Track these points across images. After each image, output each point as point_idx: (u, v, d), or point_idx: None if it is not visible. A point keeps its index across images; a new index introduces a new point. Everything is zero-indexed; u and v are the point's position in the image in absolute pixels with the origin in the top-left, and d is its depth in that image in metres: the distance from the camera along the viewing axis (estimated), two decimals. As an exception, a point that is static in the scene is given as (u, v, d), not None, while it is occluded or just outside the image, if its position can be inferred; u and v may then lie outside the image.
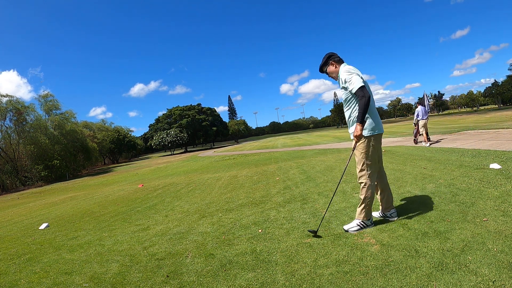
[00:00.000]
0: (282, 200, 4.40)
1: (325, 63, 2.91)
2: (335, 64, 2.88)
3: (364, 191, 2.71)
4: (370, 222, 2.79)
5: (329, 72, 2.92)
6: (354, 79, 2.60)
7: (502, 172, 4.11)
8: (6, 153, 31.62)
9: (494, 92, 74.01)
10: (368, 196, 2.69)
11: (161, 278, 2.37)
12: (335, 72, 2.88)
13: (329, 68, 2.90)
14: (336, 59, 2.88)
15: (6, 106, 30.94)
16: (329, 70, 2.91)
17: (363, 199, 2.72)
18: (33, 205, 10.86)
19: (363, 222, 2.75)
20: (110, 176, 24.23)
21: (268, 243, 2.78)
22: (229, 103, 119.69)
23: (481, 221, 2.51)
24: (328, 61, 2.89)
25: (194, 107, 63.01)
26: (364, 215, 2.74)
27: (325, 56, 2.92)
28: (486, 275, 1.72)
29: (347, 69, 2.74)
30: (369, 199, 2.71)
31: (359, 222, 2.75)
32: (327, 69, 2.92)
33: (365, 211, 2.73)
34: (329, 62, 2.89)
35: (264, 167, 9.59)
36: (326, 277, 2.00)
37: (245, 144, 49.46)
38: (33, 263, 3.27)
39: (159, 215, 4.87)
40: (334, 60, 2.88)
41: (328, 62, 2.89)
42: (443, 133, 13.28)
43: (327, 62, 2.90)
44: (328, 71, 2.91)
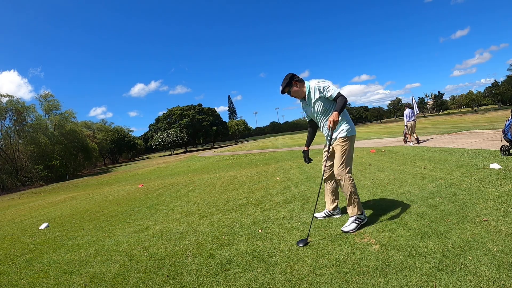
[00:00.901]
0: (282, 200, 4.40)
1: (288, 83, 2.91)
2: (298, 84, 2.91)
3: (346, 187, 2.80)
4: (364, 215, 2.86)
5: (292, 92, 2.93)
6: (332, 85, 2.78)
7: (502, 172, 4.11)
8: (6, 153, 31.62)
9: (494, 92, 74.02)
10: (352, 190, 2.78)
11: (161, 278, 2.37)
12: (299, 91, 2.92)
13: (293, 88, 2.92)
14: (298, 79, 2.92)
15: (6, 106, 30.94)
16: (293, 90, 2.92)
17: (349, 195, 2.80)
18: (33, 205, 10.86)
19: (359, 218, 2.80)
20: (110, 176, 24.24)
21: (268, 243, 2.78)
22: (229, 103, 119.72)
23: (481, 221, 2.51)
24: (291, 82, 2.90)
25: (194, 107, 62.98)
26: (356, 209, 2.80)
27: (286, 77, 2.91)
28: (486, 275, 1.72)
29: (319, 80, 2.84)
30: (355, 193, 2.80)
31: (355, 219, 2.79)
32: (291, 90, 2.93)
33: (356, 205, 2.80)
34: (292, 82, 2.90)
35: (264, 167, 9.59)
36: (326, 277, 2.00)
37: (245, 144, 49.47)
38: (33, 263, 3.27)
39: (159, 215, 4.87)
40: (296, 80, 2.91)
41: (291, 83, 2.90)
42: (443, 133, 13.29)
43: (290, 82, 2.91)
44: (292, 91, 2.92)
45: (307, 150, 3.25)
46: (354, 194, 2.79)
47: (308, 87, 2.88)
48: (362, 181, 4.91)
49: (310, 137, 3.24)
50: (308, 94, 2.89)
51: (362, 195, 4.00)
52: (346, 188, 2.79)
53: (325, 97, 2.81)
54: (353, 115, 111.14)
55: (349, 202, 2.83)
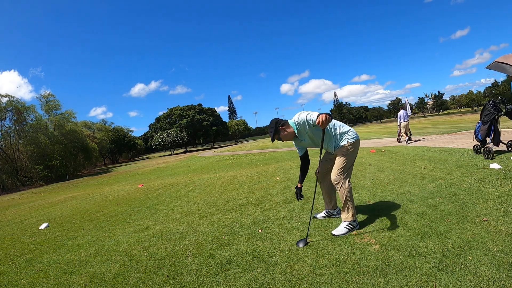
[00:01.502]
0: (282, 200, 4.41)
1: (276, 131, 2.85)
2: (285, 127, 2.87)
3: (342, 192, 2.76)
4: (356, 223, 2.83)
5: (283, 137, 2.88)
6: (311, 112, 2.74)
7: (502, 172, 4.11)
8: (6, 153, 31.62)
9: (494, 92, 74.02)
10: (348, 196, 2.75)
11: (161, 278, 2.37)
12: (288, 134, 2.88)
13: (282, 134, 2.87)
14: (282, 123, 2.87)
15: (6, 106, 30.94)
16: (282, 135, 2.87)
17: (344, 201, 2.77)
18: (33, 205, 10.87)
19: (351, 224, 2.77)
20: (110, 176, 24.24)
21: (268, 243, 2.79)
22: (229, 103, 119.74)
23: (481, 221, 2.51)
24: (278, 129, 2.84)
25: (195, 107, 62.98)
26: (350, 215, 2.77)
27: (271, 125, 2.86)
28: (486, 275, 1.72)
29: (298, 114, 2.82)
30: (350, 199, 2.76)
31: (347, 224, 2.77)
32: (281, 135, 2.88)
33: (350, 211, 2.77)
34: (279, 128, 2.85)
35: (264, 167, 9.60)
36: (326, 277, 2.00)
37: (245, 144, 49.48)
38: (33, 263, 3.27)
39: (159, 215, 4.87)
40: (282, 125, 2.86)
41: (278, 129, 2.85)
42: (443, 133, 13.29)
43: (278, 129, 2.85)
44: (282, 136, 2.87)
45: (301, 188, 3.16)
46: (349, 200, 2.76)
47: (295, 125, 2.85)
48: (362, 181, 4.91)
49: (303, 173, 3.14)
50: (298, 131, 2.86)
51: (362, 195, 4.00)
52: (342, 194, 2.77)
53: (311, 125, 2.75)
54: (353, 115, 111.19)
55: (343, 207, 2.80)
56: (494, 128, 5.45)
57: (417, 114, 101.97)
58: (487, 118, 5.53)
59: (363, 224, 2.88)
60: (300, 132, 2.85)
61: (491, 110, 5.46)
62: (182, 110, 60.71)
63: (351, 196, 2.77)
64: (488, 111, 5.52)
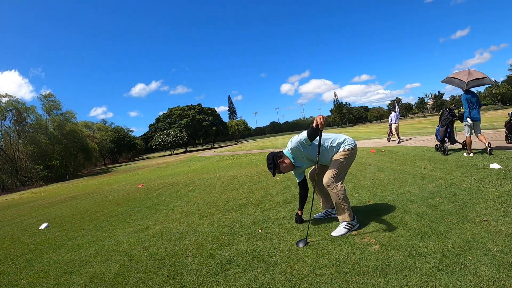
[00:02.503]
0: (282, 200, 4.40)
1: (275, 166, 2.88)
2: (282, 159, 2.90)
3: (334, 195, 2.75)
4: (355, 222, 2.82)
5: (282, 169, 2.91)
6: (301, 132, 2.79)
7: (502, 172, 4.11)
8: (6, 153, 31.61)
9: (494, 92, 73.99)
10: (341, 198, 2.74)
11: (161, 278, 2.37)
12: (287, 165, 2.90)
13: (281, 166, 2.90)
14: (279, 155, 2.91)
15: (6, 106, 30.93)
16: (282, 167, 2.90)
17: (337, 203, 2.76)
18: (33, 205, 10.87)
19: (350, 223, 2.76)
20: (110, 176, 24.24)
21: (268, 243, 2.78)
22: (229, 103, 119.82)
23: (481, 221, 2.51)
24: (276, 163, 2.87)
25: (195, 107, 62.95)
26: (347, 216, 2.76)
27: (269, 161, 2.89)
28: (486, 275, 1.72)
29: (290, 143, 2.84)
30: (344, 200, 2.75)
31: (345, 225, 2.76)
32: (280, 168, 2.91)
33: (347, 212, 2.76)
34: (277, 162, 2.88)
35: (264, 167, 9.59)
36: (326, 277, 2.00)
37: (245, 144, 49.47)
38: (33, 263, 3.27)
39: (159, 215, 4.87)
40: (279, 158, 2.90)
41: (277, 164, 2.88)
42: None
43: (276, 163, 2.88)
44: (282, 168, 2.90)
45: (301, 216, 3.20)
46: (343, 201, 2.75)
47: (290, 154, 2.88)
48: (362, 181, 4.91)
49: (302, 199, 3.17)
50: (295, 159, 2.88)
51: (362, 195, 4.00)
52: (334, 196, 2.75)
53: (305, 145, 2.78)
54: (353, 115, 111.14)
55: (338, 210, 2.80)
56: (450, 130, 6.63)
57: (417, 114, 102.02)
58: (444, 122, 6.65)
59: (363, 224, 2.88)
60: (296, 158, 2.88)
61: (447, 116, 6.61)
62: (182, 110, 60.68)
63: (345, 197, 2.76)
64: (445, 116, 6.67)
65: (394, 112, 12.40)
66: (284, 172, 2.95)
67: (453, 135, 6.73)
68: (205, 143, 78.30)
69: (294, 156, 2.88)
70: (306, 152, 2.83)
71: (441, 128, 6.77)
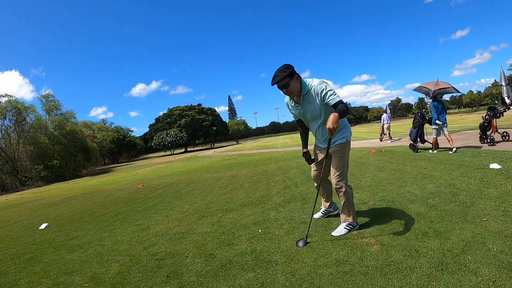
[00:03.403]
0: (282, 200, 4.40)
1: (291, 74, 2.40)
2: (299, 80, 2.47)
3: (344, 196, 2.66)
4: (356, 223, 2.79)
5: (290, 87, 2.44)
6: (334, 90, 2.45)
7: (502, 172, 4.11)
8: (6, 153, 31.61)
9: (494, 92, 73.97)
10: (350, 199, 2.68)
11: (161, 278, 2.37)
12: (297, 88, 2.46)
13: (293, 83, 2.43)
14: (298, 74, 2.47)
15: (6, 106, 30.93)
16: (293, 84, 2.43)
17: (345, 203, 2.68)
18: (33, 205, 10.86)
19: (350, 224, 2.74)
20: (110, 176, 24.23)
21: (268, 243, 2.78)
22: (229, 103, 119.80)
23: (481, 221, 2.51)
24: (294, 74, 2.42)
25: (194, 107, 62.93)
26: (351, 217, 2.72)
27: (287, 67, 2.41)
28: (486, 275, 1.72)
29: (320, 80, 2.48)
30: (352, 202, 2.71)
31: (346, 225, 2.74)
32: (291, 82, 2.42)
33: (352, 213, 2.72)
34: (295, 76, 2.43)
35: (264, 167, 9.59)
36: (326, 277, 2.00)
37: (245, 144, 49.45)
38: (33, 263, 3.27)
39: (159, 215, 4.87)
40: (298, 75, 2.46)
41: (293, 75, 2.42)
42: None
43: (293, 74, 2.41)
44: (292, 84, 2.43)
45: (308, 152, 2.90)
46: (351, 203, 2.69)
47: (307, 86, 2.47)
48: (362, 181, 4.91)
49: (304, 137, 2.93)
50: (306, 94, 2.48)
51: (362, 195, 4.00)
52: (343, 197, 2.67)
53: (323, 102, 2.46)
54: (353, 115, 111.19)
55: (344, 210, 2.72)
56: (421, 132, 7.89)
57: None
58: (416, 124, 7.91)
59: (363, 224, 2.88)
60: (306, 99, 2.49)
61: (419, 119, 7.86)
62: (182, 110, 60.66)
63: (352, 199, 2.72)
64: (417, 120, 7.90)
65: (386, 113, 13.48)
66: (288, 91, 2.45)
67: (423, 136, 7.93)
68: (205, 143, 78.32)
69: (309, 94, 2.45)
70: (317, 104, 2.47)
71: (414, 130, 7.93)
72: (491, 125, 7.42)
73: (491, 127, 7.45)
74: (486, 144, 7.37)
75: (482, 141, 7.67)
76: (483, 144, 7.54)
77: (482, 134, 7.64)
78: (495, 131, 7.48)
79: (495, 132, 7.50)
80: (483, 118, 7.53)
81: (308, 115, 2.61)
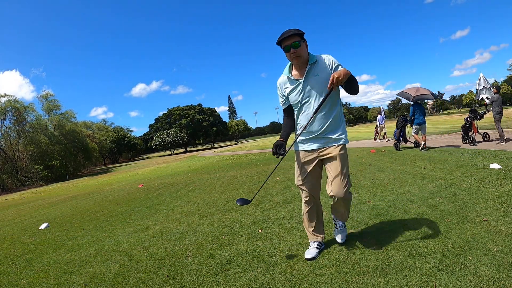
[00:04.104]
0: (282, 200, 4.41)
1: (302, 37, 2.11)
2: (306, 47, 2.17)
3: (348, 204, 2.31)
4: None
5: (299, 49, 2.08)
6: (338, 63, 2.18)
7: (502, 172, 4.11)
8: (6, 153, 31.61)
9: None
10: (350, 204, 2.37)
11: (161, 278, 2.37)
12: (305, 54, 2.14)
13: (303, 46, 2.12)
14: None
15: (5, 105, 30.94)
16: (303, 47, 2.12)
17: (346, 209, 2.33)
18: (33, 205, 10.86)
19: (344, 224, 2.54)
20: (110, 176, 24.23)
21: (268, 243, 2.78)
22: (229, 103, 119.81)
23: (481, 221, 2.51)
24: (304, 39, 2.13)
25: (194, 107, 62.95)
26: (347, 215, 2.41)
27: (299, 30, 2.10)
28: (486, 275, 1.72)
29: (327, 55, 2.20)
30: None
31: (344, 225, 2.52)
32: (302, 42, 2.10)
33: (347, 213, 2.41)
34: (305, 41, 2.14)
35: (264, 167, 9.59)
36: (326, 277, 1.99)
37: (245, 144, 49.46)
38: (33, 263, 3.27)
39: (159, 215, 4.87)
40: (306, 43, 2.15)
41: (304, 40, 2.13)
42: (443, 133, 13.28)
43: (304, 39, 2.12)
44: (302, 46, 2.10)
45: (284, 142, 2.26)
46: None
47: (315, 57, 2.17)
48: (362, 181, 4.91)
49: (288, 129, 2.37)
50: (314, 64, 2.14)
51: (362, 195, 4.00)
52: (348, 205, 2.31)
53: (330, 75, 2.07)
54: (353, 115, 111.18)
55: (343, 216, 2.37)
56: (403, 132, 8.91)
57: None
58: (399, 125, 8.93)
59: (363, 224, 2.88)
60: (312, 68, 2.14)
61: (401, 121, 8.90)
62: (182, 110, 60.68)
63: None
64: (400, 122, 8.95)
65: (381, 115, 14.55)
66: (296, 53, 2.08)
67: (405, 136, 9.02)
68: (205, 143, 78.33)
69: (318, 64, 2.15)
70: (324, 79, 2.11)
71: (397, 130, 8.96)
72: (472, 126, 7.97)
73: (472, 128, 7.99)
74: (467, 144, 7.87)
75: (464, 141, 8.16)
76: (465, 144, 8.04)
77: (464, 135, 8.15)
78: (476, 132, 8.05)
79: (476, 133, 8.06)
80: (465, 120, 8.07)
81: (308, 91, 2.16)
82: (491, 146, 7.07)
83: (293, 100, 2.26)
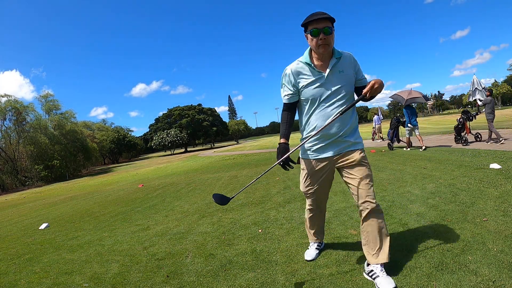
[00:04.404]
0: (282, 200, 4.40)
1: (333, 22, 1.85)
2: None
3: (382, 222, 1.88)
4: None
5: (329, 37, 1.81)
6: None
7: (502, 172, 4.11)
8: (6, 153, 31.61)
9: (494, 92, 74.04)
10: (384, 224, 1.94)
11: (161, 278, 2.37)
12: (332, 44, 1.86)
13: (333, 35, 1.85)
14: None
15: (5, 105, 30.94)
16: (333, 36, 1.85)
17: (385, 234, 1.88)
18: (33, 205, 10.86)
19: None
20: (110, 176, 24.22)
21: (268, 243, 2.78)
22: (229, 103, 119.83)
23: (481, 221, 2.51)
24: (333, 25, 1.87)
25: (194, 107, 62.94)
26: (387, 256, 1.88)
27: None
28: (486, 275, 1.72)
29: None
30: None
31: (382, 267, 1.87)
32: (332, 32, 1.82)
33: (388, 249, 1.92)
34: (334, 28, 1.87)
35: (264, 167, 9.59)
36: (326, 277, 1.99)
37: (245, 144, 49.44)
38: (33, 263, 3.27)
39: (159, 215, 4.87)
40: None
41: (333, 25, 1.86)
42: (443, 133, 13.28)
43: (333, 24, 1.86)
44: (332, 35, 1.84)
45: (287, 144, 1.96)
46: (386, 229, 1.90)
47: (339, 52, 1.92)
48: (362, 181, 4.90)
49: (289, 126, 2.03)
50: (340, 58, 1.89)
51: (362, 195, 4.00)
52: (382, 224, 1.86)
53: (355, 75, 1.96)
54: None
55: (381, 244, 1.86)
56: (396, 132, 9.41)
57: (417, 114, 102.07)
58: (392, 126, 9.46)
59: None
60: (338, 63, 1.89)
61: (394, 122, 9.43)
62: (182, 110, 60.68)
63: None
64: (393, 123, 9.48)
65: (377, 115, 15.12)
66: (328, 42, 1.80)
67: (398, 136, 9.49)
68: (205, 143, 78.31)
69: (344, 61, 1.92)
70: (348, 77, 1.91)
71: (390, 131, 9.47)
72: (465, 127, 8.26)
73: (465, 128, 8.28)
74: (460, 144, 8.11)
75: (457, 142, 8.38)
76: (457, 144, 8.27)
77: (456, 135, 8.42)
78: (468, 132, 8.35)
79: (468, 133, 8.35)
80: (458, 121, 8.33)
81: (331, 87, 1.88)
82: (491, 146, 7.08)
83: (310, 94, 1.90)
